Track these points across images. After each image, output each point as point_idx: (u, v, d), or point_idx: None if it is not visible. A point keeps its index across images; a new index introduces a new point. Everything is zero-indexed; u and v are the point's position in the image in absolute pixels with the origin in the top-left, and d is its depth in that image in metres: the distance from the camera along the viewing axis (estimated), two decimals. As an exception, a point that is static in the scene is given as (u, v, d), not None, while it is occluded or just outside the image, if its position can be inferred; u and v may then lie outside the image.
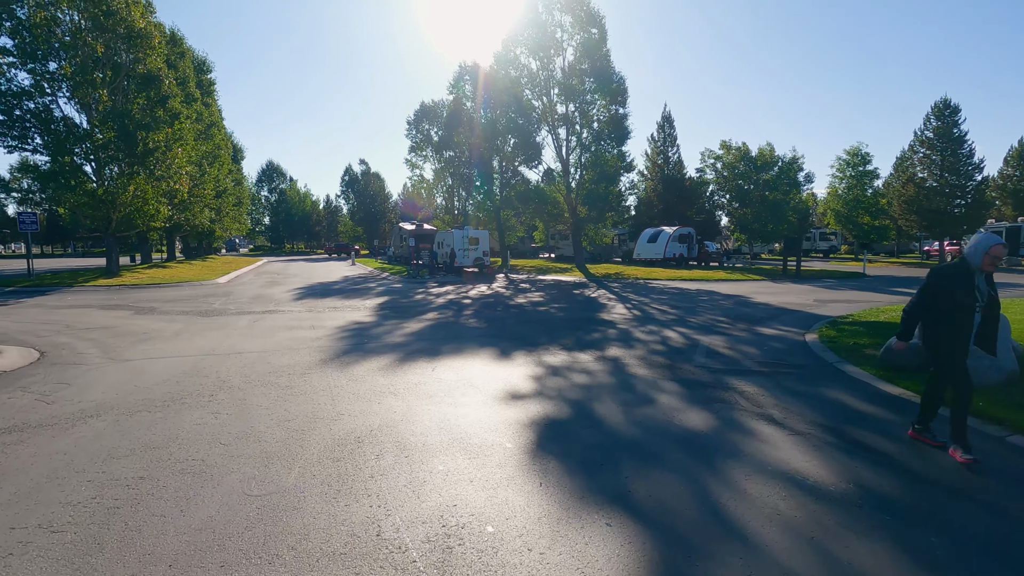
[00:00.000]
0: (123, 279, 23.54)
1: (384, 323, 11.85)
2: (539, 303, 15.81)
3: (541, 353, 8.34)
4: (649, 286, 21.78)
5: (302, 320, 12.20)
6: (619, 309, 14.22)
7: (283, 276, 29.13)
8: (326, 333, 10.37)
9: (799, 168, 35.90)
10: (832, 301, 15.79)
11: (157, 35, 25.56)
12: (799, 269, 25.44)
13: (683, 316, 12.72)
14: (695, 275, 25.85)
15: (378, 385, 6.37)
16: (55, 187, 23.08)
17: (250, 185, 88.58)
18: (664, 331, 10.50)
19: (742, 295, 17.69)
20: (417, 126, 51.55)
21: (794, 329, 10.57)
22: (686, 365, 7.43)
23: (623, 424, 4.95)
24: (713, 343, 9.11)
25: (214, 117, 37.05)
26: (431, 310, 14.15)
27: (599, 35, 29.54)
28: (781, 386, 6.28)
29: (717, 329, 10.66)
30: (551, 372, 7.07)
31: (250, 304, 15.56)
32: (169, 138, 25.30)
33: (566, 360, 7.83)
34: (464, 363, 7.63)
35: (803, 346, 8.83)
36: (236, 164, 53.80)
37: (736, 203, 37.33)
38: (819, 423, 4.96)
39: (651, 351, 8.51)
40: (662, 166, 44.97)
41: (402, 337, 9.97)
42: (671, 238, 33.98)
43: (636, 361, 7.72)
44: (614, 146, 30.09)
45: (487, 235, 32.58)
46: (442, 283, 23.74)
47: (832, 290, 19.38)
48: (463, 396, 5.90)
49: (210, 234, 44.03)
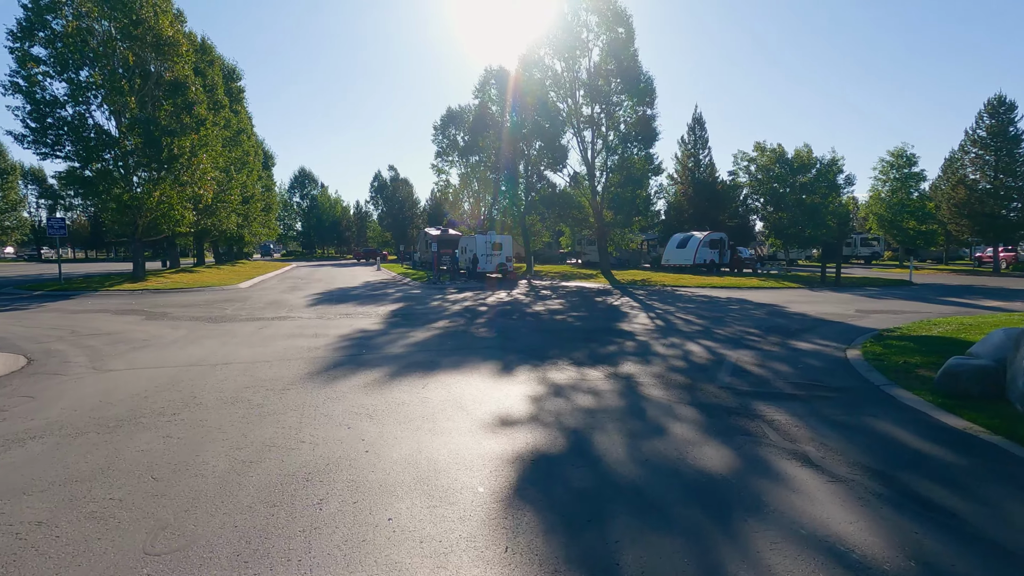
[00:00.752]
0: (148, 284, 23.76)
1: (390, 332, 11.28)
2: (557, 311, 15.03)
3: (548, 368, 7.59)
4: (676, 294, 20.73)
5: (308, 328, 11.74)
6: (641, 319, 13.33)
7: (306, 281, 29.09)
8: (327, 342, 9.85)
9: (839, 170, 34.19)
10: (876, 312, 14.54)
11: (185, 43, 25.86)
12: (839, 276, 23.95)
13: (710, 327, 11.76)
14: (726, 282, 24.62)
15: (356, 405, 5.74)
16: (85, 193, 23.45)
17: (282, 191, 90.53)
18: (687, 344, 9.60)
19: (776, 304, 16.54)
20: (443, 131, 51.56)
21: (833, 344, 9.53)
22: (708, 385, 6.57)
23: (624, 462, 4.17)
24: (741, 359, 8.19)
25: (243, 124, 37.55)
26: (443, 318, 13.54)
27: (626, 34, 28.66)
28: (818, 414, 5.38)
29: (746, 343, 9.70)
30: (553, 392, 6.31)
31: (263, 310, 15.25)
32: (195, 144, 25.52)
33: (574, 377, 7.06)
34: (460, 379, 6.94)
35: (844, 364, 7.84)
36: (267, 171, 54.68)
37: (771, 207, 35.79)
38: (866, 465, 4.08)
39: (670, 368, 7.66)
40: (693, 169, 43.52)
41: (404, 348, 9.35)
42: (701, 243, 32.68)
43: (652, 380, 6.89)
44: (641, 148, 29.09)
45: (510, 240, 31.95)
46: (462, 289, 23.17)
47: (875, 299, 18.01)
48: (447, 421, 5.20)
49: (240, 239, 44.68)
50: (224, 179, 32.63)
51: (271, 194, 51.67)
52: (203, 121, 26.27)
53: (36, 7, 22.07)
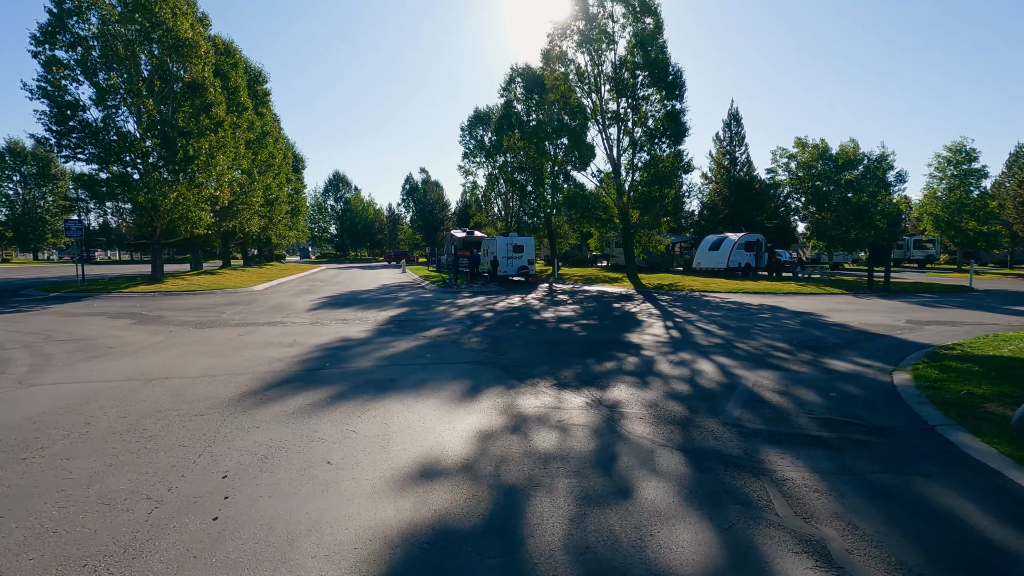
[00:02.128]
0: (163, 286, 23.64)
1: (374, 341, 10.29)
2: (567, 318, 13.77)
3: (522, 392, 6.40)
4: (703, 299, 19.11)
5: (289, 335, 10.88)
6: (656, 329, 11.94)
7: (324, 284, 28.64)
8: (297, 353, 8.93)
9: (888, 166, 31.58)
10: (931, 323, 12.71)
11: (204, 44, 25.77)
12: (888, 282, 21.76)
13: (732, 340, 10.31)
14: (761, 287, 22.77)
15: (261, 441, 4.69)
16: (104, 195, 23.55)
17: (317, 194, 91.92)
18: (700, 362, 8.22)
19: (814, 313, 14.81)
20: (471, 132, 50.80)
21: (878, 364, 7.98)
22: (710, 421, 5.25)
23: (558, 551, 2.96)
24: (760, 383, 6.80)
25: (268, 127, 37.62)
26: (440, 325, 12.49)
27: (654, 25, 27.09)
28: (849, 471, 4.02)
29: (771, 361, 8.25)
30: (512, 427, 5.12)
31: (260, 314, 14.57)
32: (212, 146, 25.39)
33: (547, 405, 5.85)
34: (409, 405, 5.83)
35: (889, 393, 6.35)
36: (297, 174, 55.13)
37: (812, 207, 33.39)
38: (917, 572, 2.75)
39: (669, 394, 6.34)
40: (728, 167, 41.27)
41: (375, 361, 8.32)
42: (736, 246, 30.68)
43: (641, 411, 5.62)
44: (671, 144, 27.43)
45: (532, 242, 30.74)
46: (476, 293, 22.13)
47: (930, 308, 16.01)
48: (355, 468, 4.09)
49: (267, 241, 44.96)
50: (246, 181, 32.65)
51: (300, 197, 51.94)
52: (221, 123, 26.13)
53: (60, 11, 22.23)
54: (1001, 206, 39.17)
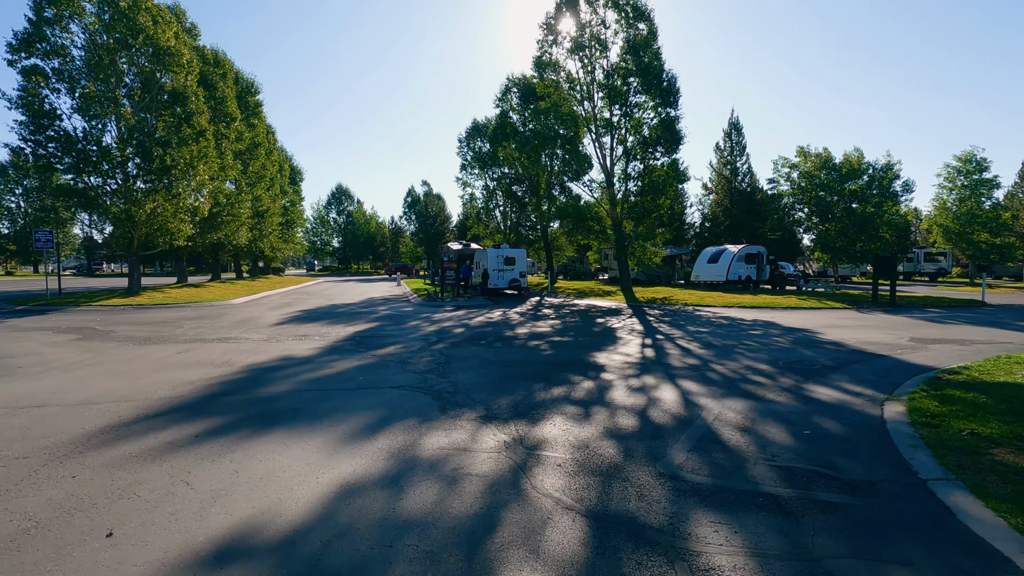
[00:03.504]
0: (137, 299, 22.86)
1: (315, 360, 9.34)
2: (540, 335, 12.74)
3: (436, 427, 5.38)
4: (694, 314, 18.00)
5: (229, 354, 9.96)
6: (631, 347, 10.88)
7: (308, 297, 27.81)
8: (220, 374, 7.99)
9: (895, 176, 30.39)
10: (936, 341, 11.54)
11: (187, 53, 25.28)
12: (893, 296, 20.52)
13: (709, 361, 9.22)
14: (759, 301, 21.59)
15: (43, 502, 3.69)
16: (79, 205, 22.94)
17: (320, 207, 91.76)
18: (662, 388, 7.16)
19: (809, 329, 13.67)
20: (469, 143, 50.18)
21: (868, 392, 6.88)
22: (643, 471, 4.19)
23: None
24: (723, 416, 5.72)
25: (259, 138, 37.13)
26: (400, 342, 11.51)
27: (648, 31, 26.30)
28: (802, 554, 2.96)
29: (745, 387, 7.17)
30: (389, 478, 4.09)
31: (217, 330, 13.67)
32: (193, 155, 24.78)
33: (454, 445, 4.82)
34: (287, 445, 4.82)
35: (877, 430, 5.26)
36: (294, 185, 54.69)
37: (816, 218, 32.22)
38: None
39: (609, 431, 5.29)
40: (730, 178, 40.17)
41: (295, 384, 7.35)
42: (735, 258, 29.50)
43: (565, 454, 4.57)
44: (665, 153, 26.46)
45: (524, 255, 29.77)
46: (460, 307, 21.15)
47: (938, 324, 14.80)
48: (129, 547, 3.07)
49: (260, 254, 44.29)
50: (233, 192, 32.05)
51: (296, 209, 51.39)
52: (203, 132, 25.53)
53: (39, 19, 21.80)
54: (1015, 217, 37.73)
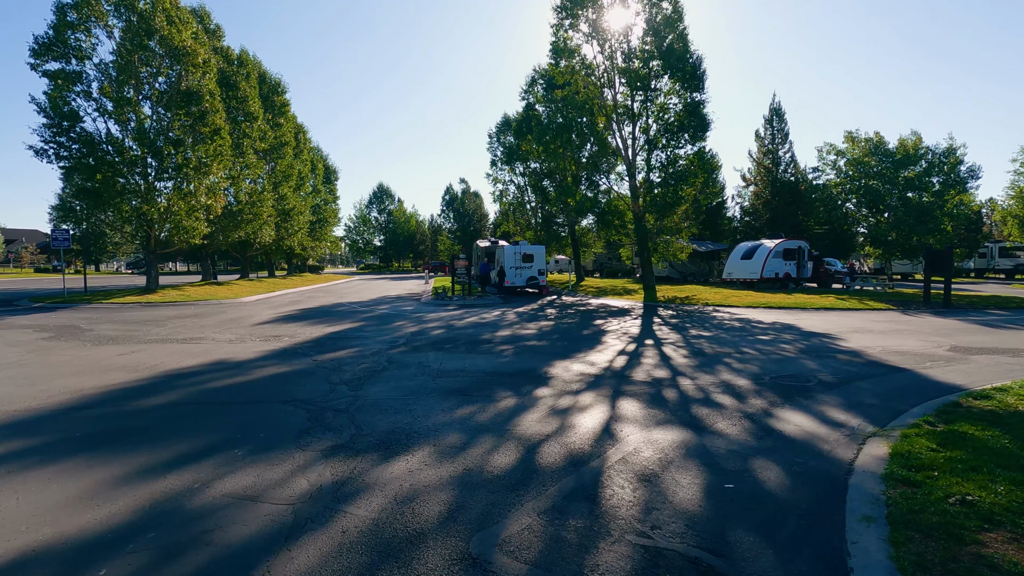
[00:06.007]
0: (151, 297, 23.13)
1: (245, 366, 8.61)
2: (518, 338, 11.56)
3: (255, 463, 4.37)
4: (709, 315, 16.29)
5: (169, 356, 9.42)
6: (604, 355, 9.53)
7: (323, 295, 27.61)
8: (123, 380, 7.43)
9: (958, 161, 27.17)
10: (983, 351, 9.58)
11: (203, 53, 25.41)
12: (948, 295, 18.01)
13: (682, 374, 7.80)
14: (790, 301, 19.50)
15: None
16: (93, 204, 23.42)
17: (362, 206, 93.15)
18: (590, 411, 5.86)
19: (830, 334, 11.84)
20: (499, 139, 49.22)
21: (855, 422, 5.36)
22: (444, 551, 3.00)
23: None
24: (633, 456, 4.41)
25: (286, 137, 37.39)
26: (360, 345, 10.63)
27: (672, 10, 24.44)
28: None
29: (696, 412, 5.77)
30: (81, 549, 3.09)
31: (195, 330, 13.34)
32: (208, 154, 24.90)
33: (246, 490, 3.78)
34: (36, 482, 3.91)
35: (832, 488, 3.83)
36: (329, 184, 55.27)
37: (865, 209, 29.32)
38: None
39: (469, 473, 4.09)
40: (771, 167, 37.30)
41: (187, 395, 6.55)
42: (771, 254, 27.11)
43: (371, 513, 3.42)
44: (692, 140, 24.50)
45: (543, 251, 28.50)
46: (462, 306, 20.18)
47: (993, 329, 12.58)
48: None
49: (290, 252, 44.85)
50: (256, 191, 32.29)
51: (329, 208, 51.85)
52: (218, 131, 25.63)
53: (61, 23, 22.28)
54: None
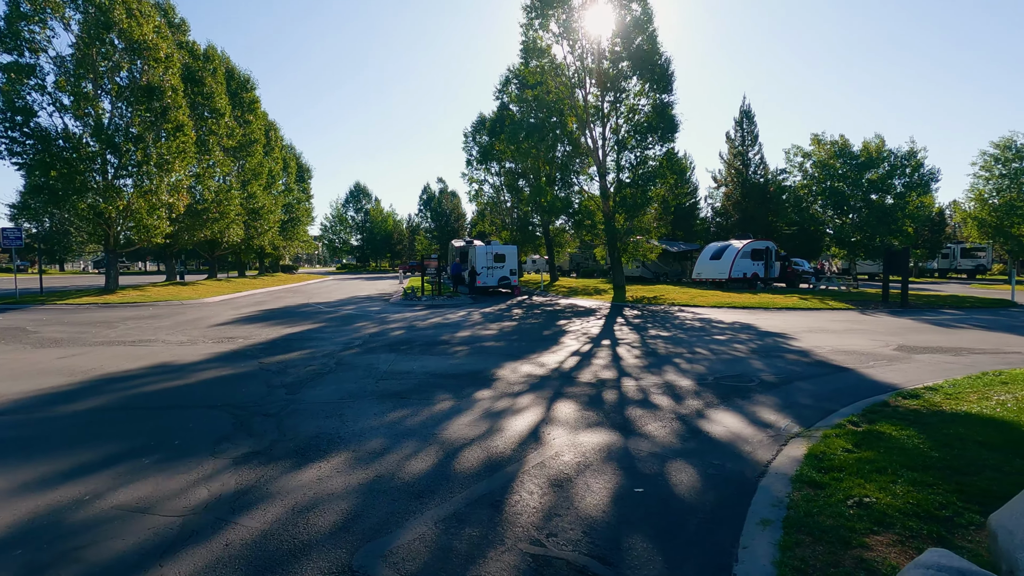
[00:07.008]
0: (109, 297, 22.45)
1: (187, 368, 8.33)
2: (477, 339, 11.43)
3: (149, 476, 4.17)
4: (672, 315, 16.37)
5: (111, 359, 9.11)
6: (558, 356, 9.45)
7: (290, 295, 27.13)
8: (45, 386, 7.08)
9: (919, 164, 27.83)
10: (928, 350, 9.74)
11: (165, 47, 24.74)
12: (905, 295, 18.40)
13: (628, 374, 7.76)
14: (754, 301, 19.72)
15: None
16: (45, 202, 22.64)
17: (338, 206, 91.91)
18: (526, 412, 5.77)
19: (785, 334, 11.96)
20: (475, 138, 49.03)
21: (785, 422, 5.35)
22: (324, 567, 2.86)
23: None
24: (553, 460, 4.32)
25: (256, 135, 36.67)
26: (315, 346, 10.40)
27: (642, 11, 24.57)
28: None
29: (631, 413, 5.71)
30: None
31: (147, 331, 12.94)
32: (169, 151, 24.25)
33: (105, 511, 3.59)
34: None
35: (742, 491, 3.78)
36: (303, 183, 54.41)
37: (831, 211, 29.86)
38: None
39: (380, 479, 3.95)
40: (741, 169, 37.80)
41: (114, 400, 6.30)
42: (739, 254, 27.43)
43: (245, 535, 3.27)
44: (660, 141, 24.66)
45: (515, 251, 28.44)
46: (429, 306, 19.97)
47: (943, 329, 12.85)
48: None
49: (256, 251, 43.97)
50: (223, 189, 31.61)
51: (302, 207, 51.02)
52: (181, 127, 24.98)
53: (14, 14, 21.49)
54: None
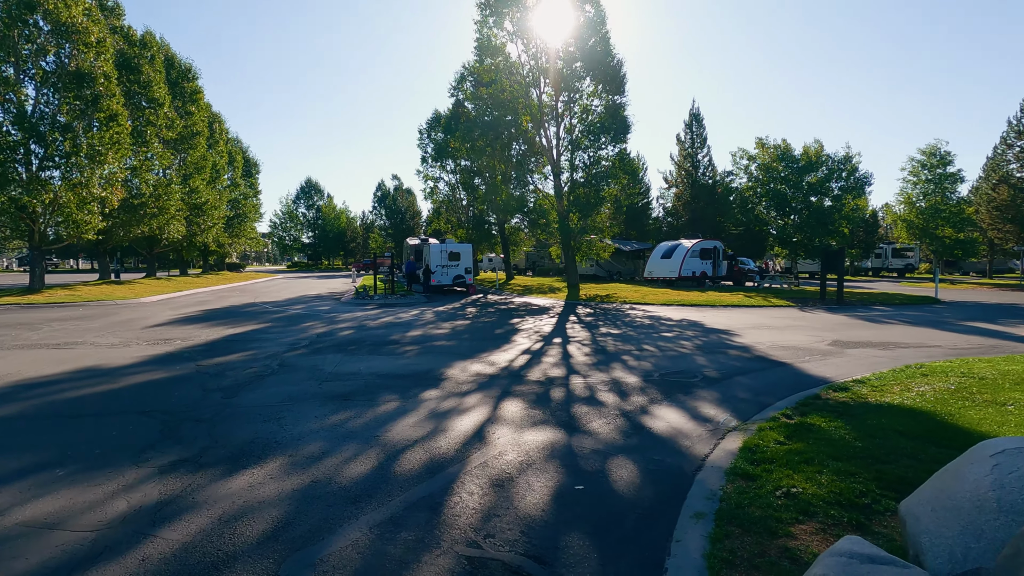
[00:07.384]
0: (34, 297, 21.00)
1: (118, 372, 7.87)
2: (428, 339, 11.27)
3: (63, 488, 3.88)
4: (623, 313, 16.65)
5: (31, 364, 8.39)
6: (508, 355, 9.43)
7: (235, 294, 26.08)
8: None
9: (854, 168, 29.37)
10: (859, 345, 10.26)
11: (96, 31, 23.25)
12: (840, 293, 19.37)
13: (576, 372, 7.82)
14: (702, 299, 20.32)
15: None
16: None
17: (288, 202, 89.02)
18: (472, 412, 5.71)
19: (729, 330, 12.36)
20: (429, 135, 48.50)
21: (724, 416, 5.50)
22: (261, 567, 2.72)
23: None
24: (496, 459, 4.28)
25: (198, 127, 35.03)
26: (257, 348, 10.00)
27: (595, 13, 24.89)
28: None
29: (576, 410, 5.75)
30: None
31: (74, 333, 12.18)
32: (102, 142, 22.83)
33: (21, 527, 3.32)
34: None
35: (680, 484, 3.85)
36: (250, 178, 52.41)
37: (774, 212, 31.14)
38: None
39: (325, 481, 3.81)
40: (690, 171, 38.95)
41: (31, 408, 5.81)
42: (689, 253, 28.23)
43: (164, 551, 3.09)
44: (613, 141, 25.07)
45: (470, 249, 28.27)
46: (381, 305, 19.58)
47: (874, 324, 13.58)
48: None
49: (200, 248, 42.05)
50: (162, 183, 30.05)
51: (249, 203, 49.09)
52: (114, 117, 23.56)
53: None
54: (977, 211, 37.01)
